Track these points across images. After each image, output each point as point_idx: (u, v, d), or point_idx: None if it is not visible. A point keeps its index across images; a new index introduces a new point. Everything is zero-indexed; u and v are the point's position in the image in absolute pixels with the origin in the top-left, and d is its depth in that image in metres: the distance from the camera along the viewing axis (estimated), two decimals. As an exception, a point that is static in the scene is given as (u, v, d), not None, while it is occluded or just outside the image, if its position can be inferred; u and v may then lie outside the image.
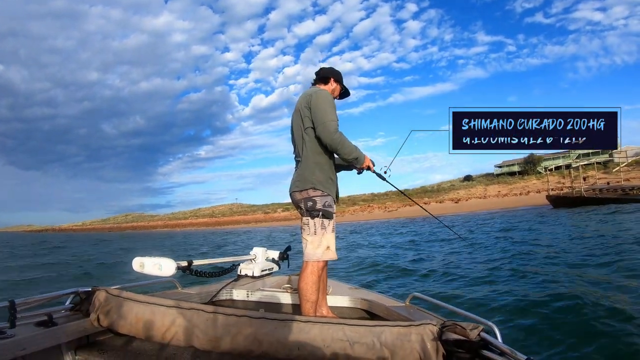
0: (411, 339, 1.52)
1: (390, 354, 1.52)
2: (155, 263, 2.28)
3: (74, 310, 1.86)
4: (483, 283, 5.58)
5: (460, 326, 1.50)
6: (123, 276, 6.90)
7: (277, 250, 3.35)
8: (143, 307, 1.74)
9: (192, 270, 2.54)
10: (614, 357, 2.89)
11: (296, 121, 2.47)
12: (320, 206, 2.35)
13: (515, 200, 43.72)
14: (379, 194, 66.94)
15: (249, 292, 2.79)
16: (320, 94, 2.41)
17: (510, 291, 4.89)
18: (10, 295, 1.81)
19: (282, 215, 66.63)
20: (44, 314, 1.69)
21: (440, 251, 9.71)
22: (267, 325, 1.63)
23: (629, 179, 28.44)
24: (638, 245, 7.31)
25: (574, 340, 3.21)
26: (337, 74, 2.67)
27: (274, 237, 23.08)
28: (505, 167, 65.50)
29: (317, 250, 2.33)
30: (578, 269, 5.87)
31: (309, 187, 2.36)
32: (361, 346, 1.55)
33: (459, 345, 1.46)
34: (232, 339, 1.62)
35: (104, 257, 13.57)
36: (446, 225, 4.57)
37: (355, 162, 2.45)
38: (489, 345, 1.45)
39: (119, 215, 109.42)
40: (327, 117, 2.32)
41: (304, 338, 1.59)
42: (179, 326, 1.67)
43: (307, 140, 2.41)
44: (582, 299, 4.06)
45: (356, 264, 8.39)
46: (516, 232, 12.54)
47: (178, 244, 22.94)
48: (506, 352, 1.37)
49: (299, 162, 2.47)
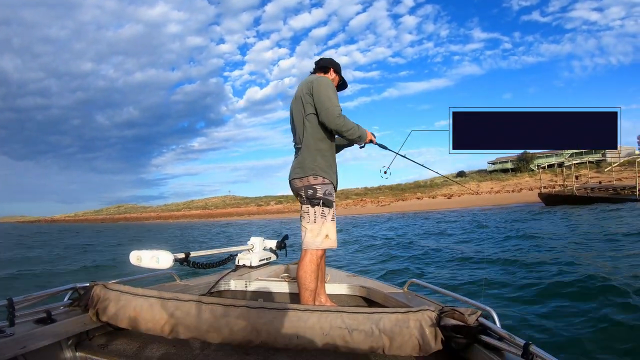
0: (409, 325, 1.52)
1: (389, 340, 1.52)
2: (152, 256, 2.27)
3: (73, 306, 1.83)
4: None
5: (459, 312, 1.50)
6: (121, 270, 6.87)
7: (274, 240, 3.35)
8: (142, 301, 1.73)
9: (189, 261, 2.53)
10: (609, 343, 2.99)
11: (297, 108, 2.46)
12: (320, 194, 2.34)
13: (508, 197, 44.09)
14: (372, 188, 67.17)
15: (247, 282, 2.78)
16: (322, 80, 2.40)
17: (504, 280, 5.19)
18: (9, 292, 1.80)
19: (275, 208, 66.67)
20: (43, 311, 1.67)
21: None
22: (265, 315, 1.63)
23: (621, 179, 28.73)
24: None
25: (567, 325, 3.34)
26: (337, 65, 2.67)
27: (269, 228, 23.19)
28: (499, 164, 65.90)
29: (317, 238, 2.32)
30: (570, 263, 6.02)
31: (309, 174, 2.35)
32: (360, 333, 1.55)
33: (457, 331, 1.46)
34: (232, 330, 1.61)
35: (101, 251, 13.49)
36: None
37: (359, 140, 2.46)
38: (487, 330, 1.45)
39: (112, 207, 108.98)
40: (330, 103, 2.31)
41: (302, 327, 1.59)
42: (178, 318, 1.66)
43: (308, 126, 2.39)
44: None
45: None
46: (506, 228, 12.79)
47: (178, 236, 22.97)
48: (505, 337, 1.36)
49: (299, 149, 2.46)
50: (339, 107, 2.35)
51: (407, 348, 1.52)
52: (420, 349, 1.50)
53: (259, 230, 23.34)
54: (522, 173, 59.00)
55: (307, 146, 2.39)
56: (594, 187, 26.23)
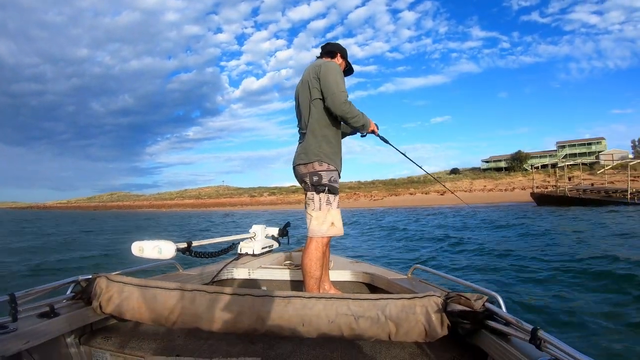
0: (416, 311, 1.51)
1: (395, 326, 1.50)
2: (154, 246, 2.24)
3: (76, 299, 1.81)
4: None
5: (465, 297, 1.48)
6: (123, 261, 6.81)
7: (276, 228, 3.33)
8: (145, 291, 1.71)
9: (191, 251, 2.50)
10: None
11: (303, 92, 2.40)
12: (326, 181, 2.30)
13: (500, 196, 44.42)
14: (365, 182, 67.28)
15: (250, 271, 2.77)
16: (330, 65, 2.34)
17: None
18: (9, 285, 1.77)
19: (268, 199, 66.65)
20: (46, 305, 1.65)
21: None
22: (270, 303, 1.61)
23: (614, 182, 28.96)
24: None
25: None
26: (344, 50, 2.62)
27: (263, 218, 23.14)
28: (492, 162, 66.27)
29: (322, 226, 2.30)
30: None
31: (314, 160, 2.31)
32: (366, 320, 1.53)
33: (463, 316, 1.45)
34: (236, 319, 1.60)
35: (101, 242, 13.37)
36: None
37: (362, 128, 2.43)
38: (493, 315, 1.43)
39: (104, 194, 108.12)
40: (337, 88, 2.26)
41: (308, 314, 1.57)
42: (182, 308, 1.64)
43: (314, 112, 2.35)
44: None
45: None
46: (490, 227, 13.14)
47: (178, 224, 22.91)
48: (512, 322, 1.34)
49: (304, 134, 2.41)
50: (346, 93, 2.30)
51: (414, 334, 1.50)
52: (426, 334, 1.49)
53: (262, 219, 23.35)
54: (515, 172, 59.41)
55: (312, 132, 2.35)
56: (586, 188, 26.48)
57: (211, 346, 1.70)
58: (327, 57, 2.58)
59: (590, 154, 60.65)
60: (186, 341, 1.75)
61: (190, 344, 1.72)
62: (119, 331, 1.83)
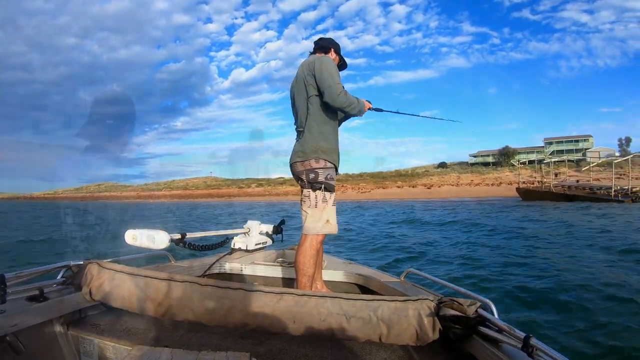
0: (408, 314, 1.50)
1: (387, 328, 1.50)
2: (148, 235, 2.23)
3: (66, 284, 1.80)
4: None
5: (458, 302, 1.48)
6: (115, 249, 6.71)
7: (270, 224, 3.30)
8: (136, 280, 1.70)
9: (185, 242, 2.49)
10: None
11: (298, 90, 2.41)
12: (322, 178, 2.31)
13: (487, 190, 44.86)
14: (353, 174, 67.24)
15: (243, 266, 2.76)
16: (324, 60, 2.36)
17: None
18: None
19: (256, 190, 66.32)
20: (35, 289, 1.63)
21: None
22: (262, 299, 1.60)
23: (599, 179, 29.38)
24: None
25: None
26: (337, 45, 2.63)
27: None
28: (480, 157, 66.84)
29: (317, 223, 2.30)
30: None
31: (311, 157, 2.31)
32: (357, 320, 1.53)
33: (455, 321, 1.44)
34: (227, 312, 1.59)
35: (93, 229, 13.12)
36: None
37: (359, 113, 2.46)
38: (486, 321, 1.43)
39: (92, 185, 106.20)
40: (332, 80, 2.27)
41: (299, 312, 1.56)
42: (173, 299, 1.63)
43: (311, 109, 2.35)
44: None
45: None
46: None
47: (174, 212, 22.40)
48: (504, 329, 1.34)
49: (300, 132, 2.41)
50: (341, 85, 2.31)
51: (405, 337, 1.50)
52: (417, 338, 1.49)
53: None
54: (502, 167, 59.99)
55: (309, 130, 2.35)
56: (572, 185, 26.84)
57: (200, 339, 1.68)
58: (321, 52, 2.58)
59: (577, 151, 61.62)
60: (175, 333, 1.73)
61: (179, 336, 1.70)
62: (108, 319, 1.80)
